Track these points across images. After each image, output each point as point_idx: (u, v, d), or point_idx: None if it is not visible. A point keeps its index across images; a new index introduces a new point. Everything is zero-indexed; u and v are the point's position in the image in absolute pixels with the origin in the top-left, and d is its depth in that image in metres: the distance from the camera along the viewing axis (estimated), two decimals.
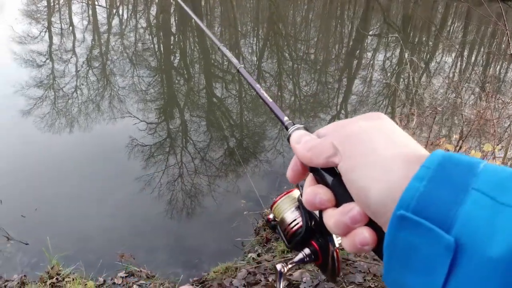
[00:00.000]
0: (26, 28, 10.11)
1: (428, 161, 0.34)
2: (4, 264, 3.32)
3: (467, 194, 0.31)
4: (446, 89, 7.37)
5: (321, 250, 0.53)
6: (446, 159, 0.34)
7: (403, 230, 0.33)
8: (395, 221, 0.33)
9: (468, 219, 0.31)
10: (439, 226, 0.31)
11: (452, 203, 0.31)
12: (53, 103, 6.49)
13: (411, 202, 0.33)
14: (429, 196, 0.32)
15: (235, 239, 3.69)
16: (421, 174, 0.34)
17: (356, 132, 0.41)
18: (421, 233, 0.32)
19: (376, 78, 8.99)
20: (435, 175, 0.33)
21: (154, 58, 9.47)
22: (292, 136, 0.48)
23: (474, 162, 0.33)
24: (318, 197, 0.43)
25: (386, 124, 0.42)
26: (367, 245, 0.39)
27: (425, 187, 0.33)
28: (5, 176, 4.48)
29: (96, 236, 3.74)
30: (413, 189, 0.33)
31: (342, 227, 0.40)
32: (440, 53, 10.79)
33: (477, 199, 0.31)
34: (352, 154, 0.39)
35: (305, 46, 11.42)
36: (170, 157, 5.26)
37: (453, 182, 0.32)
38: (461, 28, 14.69)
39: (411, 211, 0.32)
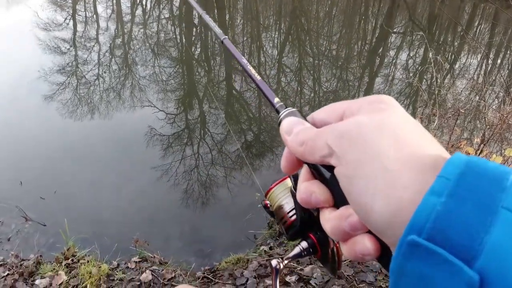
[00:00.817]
0: (51, 15, 10.29)
1: (447, 169, 0.28)
2: (21, 244, 3.41)
3: (496, 214, 0.25)
4: (469, 91, 7.21)
5: (319, 243, 0.49)
6: (469, 167, 0.27)
7: (414, 259, 0.27)
8: (404, 247, 0.27)
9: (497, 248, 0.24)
10: (461, 257, 0.25)
11: (478, 227, 0.25)
12: (75, 90, 6.61)
13: (425, 224, 0.26)
14: (449, 218, 0.26)
15: (248, 231, 3.71)
16: (438, 188, 0.27)
17: (353, 131, 0.33)
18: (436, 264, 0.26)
19: (398, 77, 8.85)
20: (456, 189, 0.27)
21: (175, 49, 9.52)
22: (282, 125, 0.41)
23: (503, 172, 0.27)
24: (313, 196, 0.37)
25: (393, 118, 0.34)
26: (368, 255, 0.33)
27: (444, 206, 0.26)
28: (27, 159, 4.60)
29: (112, 221, 3.81)
30: (428, 208, 0.27)
31: (340, 233, 0.35)
32: (465, 54, 10.55)
33: (510, 221, 0.25)
34: (350, 160, 0.32)
35: (327, 41, 11.31)
36: (187, 147, 5.30)
37: (478, 198, 0.26)
38: (487, 30, 14.31)
39: (426, 236, 0.26)
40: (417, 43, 10.78)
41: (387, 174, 0.30)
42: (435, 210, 0.26)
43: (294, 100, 7.24)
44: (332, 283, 2.74)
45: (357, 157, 0.32)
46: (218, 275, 3.02)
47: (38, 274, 2.92)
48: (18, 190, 4.06)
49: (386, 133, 0.32)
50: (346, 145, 0.33)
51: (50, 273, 2.87)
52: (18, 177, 4.20)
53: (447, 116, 4.58)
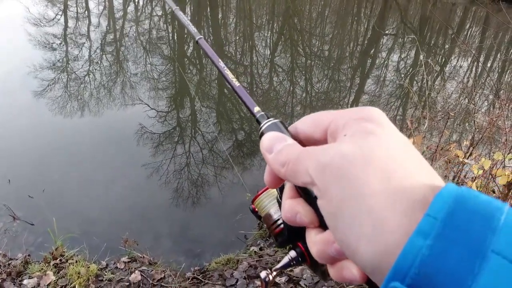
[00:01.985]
0: (42, 10, 10.17)
1: (435, 206, 0.26)
2: (9, 243, 3.37)
3: (485, 259, 0.23)
4: (459, 94, 7.29)
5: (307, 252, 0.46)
6: (458, 203, 0.26)
7: None
8: None
9: None
10: None
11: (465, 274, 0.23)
12: (66, 86, 6.54)
13: (409, 270, 0.25)
14: (435, 263, 0.24)
15: (238, 232, 3.71)
16: (425, 228, 0.25)
17: (336, 165, 0.30)
18: None
19: (390, 78, 8.91)
20: (443, 231, 0.25)
21: (167, 47, 9.48)
22: (263, 140, 0.38)
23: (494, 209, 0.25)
24: (298, 216, 0.35)
25: (380, 144, 0.31)
26: (355, 281, 0.32)
27: (430, 249, 0.24)
28: (15, 156, 4.54)
29: (101, 220, 3.78)
30: (413, 251, 0.25)
31: (326, 257, 0.33)
32: (456, 57, 10.66)
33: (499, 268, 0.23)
34: (333, 196, 0.30)
35: (320, 42, 11.34)
36: (178, 146, 5.28)
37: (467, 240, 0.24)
38: (478, 33, 14.48)
39: (410, 282, 0.24)
40: (408, 45, 10.87)
41: (373, 216, 0.28)
42: (421, 253, 0.25)
43: (286, 100, 7.25)
44: (321, 284, 2.76)
45: (341, 194, 0.30)
46: (208, 276, 3.02)
47: (26, 274, 2.89)
48: (6, 188, 4.00)
49: (372, 166, 0.29)
50: (328, 180, 0.30)
51: (38, 273, 2.84)
52: (6, 175, 4.15)
53: (437, 119, 4.62)
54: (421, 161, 0.31)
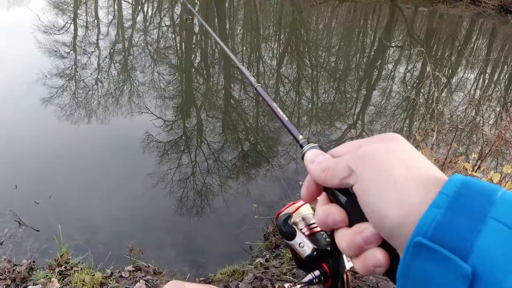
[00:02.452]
0: (52, 18, 10.31)
1: (446, 187, 0.34)
2: (14, 249, 3.37)
3: (484, 223, 0.31)
4: (466, 106, 7.26)
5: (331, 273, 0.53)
6: (464, 186, 0.34)
7: (419, 258, 0.33)
8: (411, 247, 0.33)
9: (485, 249, 0.30)
10: (457, 255, 0.31)
11: (470, 232, 0.31)
12: (74, 94, 6.59)
13: (428, 229, 0.32)
14: (447, 225, 0.32)
15: (244, 243, 3.68)
16: (439, 202, 0.33)
17: (371, 154, 0.40)
18: (437, 261, 0.32)
19: (396, 90, 8.90)
20: (452, 203, 0.33)
21: (175, 56, 9.55)
22: (306, 155, 0.48)
23: (492, 189, 0.33)
24: (331, 217, 0.42)
25: (402, 146, 0.41)
26: (380, 267, 0.38)
27: (443, 216, 0.32)
28: (22, 162, 4.56)
29: (106, 228, 3.77)
30: (430, 217, 0.33)
31: (354, 247, 0.39)
32: (463, 69, 10.64)
33: (494, 229, 0.31)
34: (367, 176, 0.38)
35: (326, 53, 11.38)
36: (184, 155, 5.28)
37: (470, 210, 0.32)
38: (485, 45, 14.47)
39: (428, 238, 0.32)
40: (415, 57, 10.88)
41: (398, 188, 0.36)
42: (436, 219, 0.32)
43: (292, 110, 7.25)
44: None
45: (373, 175, 0.38)
46: None
47: (30, 280, 2.88)
48: (12, 193, 4.02)
49: (397, 157, 0.39)
50: (364, 165, 0.39)
51: (42, 280, 2.83)
52: (13, 181, 4.17)
53: (445, 131, 4.60)
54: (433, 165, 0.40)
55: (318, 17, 15.68)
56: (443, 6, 17.56)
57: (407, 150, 0.40)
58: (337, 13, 16.59)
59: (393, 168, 0.38)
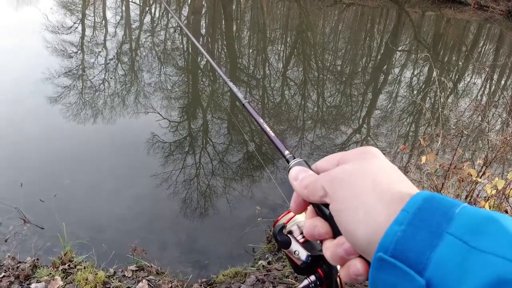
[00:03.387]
0: (60, 18, 10.39)
1: (408, 205, 0.37)
2: (19, 246, 3.40)
3: (441, 238, 0.34)
4: (472, 111, 7.22)
5: (325, 277, 0.56)
6: (425, 202, 0.36)
7: (382, 271, 0.36)
8: (375, 262, 0.36)
9: (440, 262, 0.33)
10: (414, 269, 0.34)
11: (427, 247, 0.34)
12: (80, 93, 6.63)
13: (390, 245, 0.35)
14: (406, 240, 0.35)
15: (247, 245, 3.68)
16: (400, 219, 0.36)
17: (340, 176, 0.43)
18: (398, 274, 0.35)
19: (402, 94, 8.88)
20: (413, 220, 0.35)
21: (181, 58, 9.58)
22: (291, 172, 0.52)
23: (452, 205, 0.35)
24: (316, 230, 0.46)
25: (373, 165, 0.43)
26: (360, 275, 0.41)
27: (403, 232, 0.35)
28: (28, 160, 4.60)
29: (110, 227, 3.79)
30: (392, 233, 0.36)
31: (337, 258, 0.43)
32: (469, 74, 10.59)
33: (450, 243, 0.33)
34: (338, 198, 0.42)
35: (333, 56, 11.37)
36: (189, 156, 5.30)
37: (429, 226, 0.35)
38: (492, 51, 14.39)
39: (390, 254, 0.35)
40: (421, 62, 10.84)
41: (366, 207, 0.39)
42: (396, 235, 0.35)
43: (297, 114, 7.25)
44: None
45: (343, 195, 0.42)
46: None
47: (34, 277, 2.91)
48: (18, 191, 4.05)
49: (366, 177, 0.42)
50: (335, 187, 0.43)
51: (46, 277, 2.85)
52: (18, 178, 4.20)
53: (450, 136, 4.57)
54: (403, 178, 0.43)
55: (325, 20, 15.68)
56: (451, 11, 17.50)
57: (378, 169, 0.43)
58: (344, 16, 16.58)
59: (362, 188, 0.41)
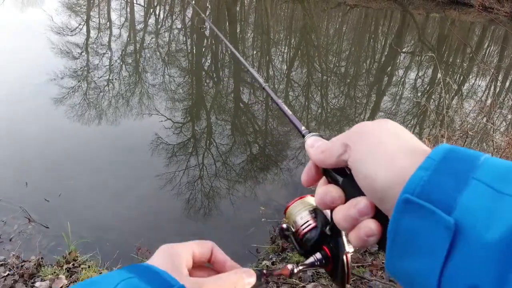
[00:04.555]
0: (65, 20, 10.45)
1: (434, 153, 0.37)
2: (23, 245, 3.40)
3: (467, 183, 0.34)
4: (477, 113, 7.19)
5: (332, 256, 0.54)
6: (450, 152, 0.37)
7: (407, 213, 0.35)
8: (400, 204, 0.36)
9: (467, 204, 0.33)
10: (441, 209, 0.34)
11: (454, 190, 0.34)
12: (85, 94, 6.66)
13: (416, 188, 0.35)
14: (433, 184, 0.35)
15: (251, 245, 3.68)
16: (426, 165, 0.36)
17: (363, 130, 0.44)
18: (423, 215, 0.34)
19: (406, 96, 8.86)
20: (439, 166, 0.36)
21: (185, 59, 9.61)
22: (307, 141, 0.52)
23: (476, 155, 0.36)
24: (329, 195, 0.45)
25: (393, 125, 0.44)
26: (372, 236, 0.41)
27: (430, 176, 0.35)
28: (33, 160, 4.62)
29: (114, 227, 3.80)
30: (418, 177, 0.36)
31: (349, 220, 0.43)
32: (474, 76, 10.55)
33: (476, 188, 0.33)
34: (361, 148, 0.42)
35: (336, 58, 11.37)
36: (192, 157, 5.30)
37: (455, 172, 0.35)
38: (497, 52, 14.34)
39: (416, 195, 0.35)
40: (425, 63, 10.81)
41: (389, 154, 0.40)
42: (423, 179, 0.35)
43: (301, 115, 7.25)
44: None
45: (365, 146, 0.42)
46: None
47: (38, 276, 2.91)
48: (23, 190, 4.06)
49: (385, 131, 0.43)
50: (357, 138, 0.43)
51: (50, 276, 2.85)
52: (24, 178, 4.22)
53: (455, 138, 4.56)
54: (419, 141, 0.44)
55: (329, 22, 15.68)
56: (455, 13, 17.47)
57: (397, 127, 0.44)
58: (348, 18, 16.57)
59: (384, 139, 0.42)
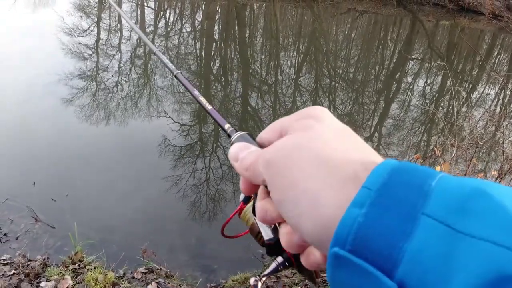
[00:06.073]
0: (76, 21, 10.54)
1: (371, 179, 0.28)
2: (29, 244, 3.42)
3: (416, 221, 0.25)
4: (486, 121, 7.13)
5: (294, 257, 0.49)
6: (394, 175, 0.28)
7: (341, 269, 0.28)
8: (331, 260, 0.28)
9: (417, 255, 0.24)
10: (381, 268, 0.25)
11: (398, 235, 0.25)
12: (94, 95, 6.70)
13: (348, 236, 0.27)
14: (370, 228, 0.26)
15: (257, 250, 3.66)
16: (360, 199, 0.27)
17: (275, 159, 0.35)
18: (359, 275, 0.26)
19: (414, 103, 8.81)
20: (377, 199, 0.27)
21: (194, 62, 9.64)
22: (230, 151, 0.42)
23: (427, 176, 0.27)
24: (268, 214, 0.38)
25: (316, 134, 0.35)
26: (320, 264, 0.34)
27: (365, 216, 0.26)
28: (41, 160, 4.65)
29: (120, 229, 3.80)
30: (350, 220, 0.27)
31: (293, 246, 0.36)
32: (483, 84, 10.47)
33: (429, 228, 0.25)
34: (277, 186, 0.34)
35: (345, 64, 11.35)
36: (199, 160, 5.31)
37: (400, 206, 0.26)
38: (506, 61, 14.23)
39: (348, 247, 0.27)
40: (435, 71, 10.76)
41: (308, 195, 0.31)
42: (357, 221, 0.26)
43: None
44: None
45: (282, 183, 0.33)
46: None
47: (44, 276, 2.92)
48: (30, 190, 4.09)
49: (306, 154, 0.33)
50: (272, 173, 0.35)
51: (56, 277, 2.86)
52: (31, 177, 4.24)
53: (465, 147, 4.52)
54: (358, 144, 0.35)
55: (338, 27, 15.67)
56: (465, 20, 17.38)
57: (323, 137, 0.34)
58: (357, 24, 16.55)
59: (303, 172, 0.32)
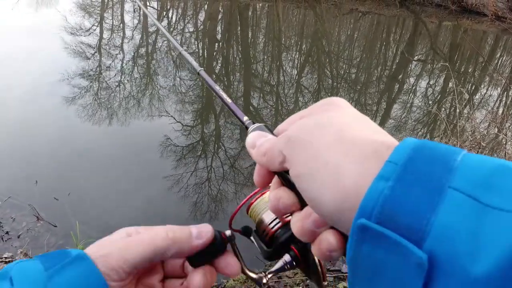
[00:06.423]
0: (79, 21, 10.56)
1: (396, 155, 0.28)
2: (31, 242, 3.43)
3: (443, 195, 0.25)
4: (489, 123, 7.12)
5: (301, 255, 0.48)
6: (417, 152, 0.28)
7: (366, 243, 0.27)
8: (355, 232, 0.28)
9: (444, 228, 0.24)
10: (409, 239, 0.25)
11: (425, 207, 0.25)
12: (96, 95, 6.72)
13: (374, 208, 0.27)
14: (397, 200, 0.26)
15: (258, 250, 3.66)
16: (386, 173, 0.28)
17: (297, 134, 0.35)
18: (387, 247, 0.26)
19: (417, 104, 8.79)
20: (404, 174, 0.27)
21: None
22: (247, 140, 0.44)
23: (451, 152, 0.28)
24: (281, 202, 0.38)
25: (336, 116, 0.36)
26: (334, 251, 0.33)
27: (391, 190, 0.27)
28: (43, 158, 4.66)
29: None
30: (376, 193, 0.27)
31: (306, 232, 0.35)
32: (486, 85, 10.45)
33: (455, 201, 0.25)
34: (296, 161, 0.35)
35: (347, 65, 11.33)
36: (201, 160, 5.31)
37: (426, 180, 0.26)
38: (509, 62, 14.19)
39: (374, 219, 0.27)
40: (437, 72, 10.73)
41: (330, 169, 0.31)
42: (383, 194, 0.27)
43: None
44: None
45: (303, 157, 0.34)
46: None
47: None
48: (32, 188, 4.09)
49: (327, 130, 0.34)
50: (293, 148, 0.35)
51: None
52: (33, 176, 4.25)
53: (467, 148, 4.51)
54: (377, 129, 0.35)
55: (340, 28, 15.66)
56: (468, 21, 17.35)
57: (344, 119, 0.35)
58: (359, 25, 16.54)
59: (324, 146, 0.33)
